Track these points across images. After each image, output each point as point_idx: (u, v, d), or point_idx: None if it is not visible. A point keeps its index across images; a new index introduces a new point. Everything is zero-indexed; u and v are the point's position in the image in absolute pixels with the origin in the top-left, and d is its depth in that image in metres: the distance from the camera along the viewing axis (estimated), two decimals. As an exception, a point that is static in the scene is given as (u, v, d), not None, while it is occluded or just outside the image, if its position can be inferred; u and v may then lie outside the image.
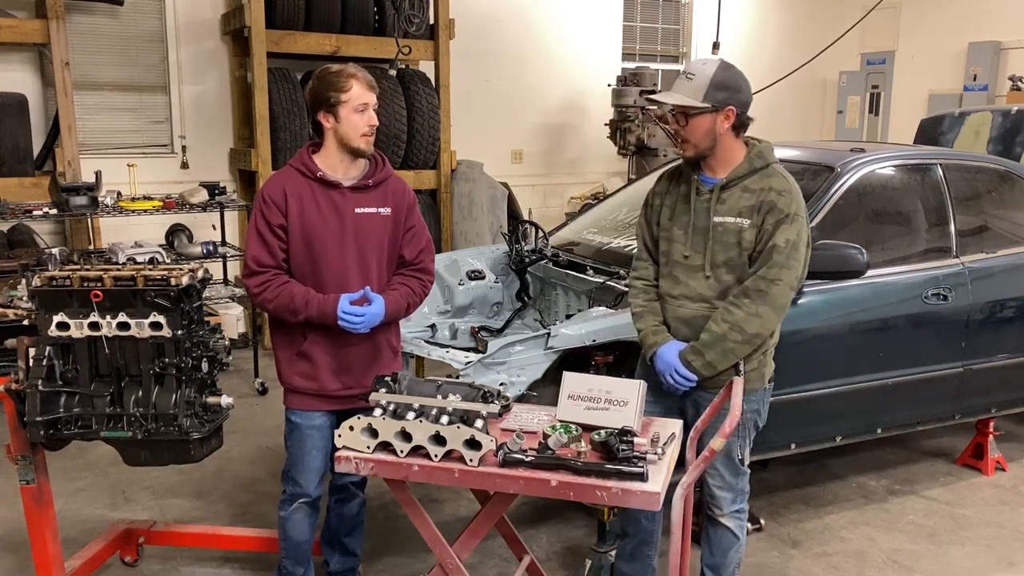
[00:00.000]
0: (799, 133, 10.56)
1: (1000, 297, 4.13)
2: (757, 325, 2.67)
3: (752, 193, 2.72)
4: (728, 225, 2.72)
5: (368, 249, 2.86)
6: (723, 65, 2.71)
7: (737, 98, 2.69)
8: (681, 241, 2.81)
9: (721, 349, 2.69)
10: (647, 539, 3.08)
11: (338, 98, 2.76)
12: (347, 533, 3.19)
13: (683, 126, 2.71)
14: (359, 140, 2.81)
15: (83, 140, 6.26)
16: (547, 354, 3.31)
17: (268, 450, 4.60)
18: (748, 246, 2.71)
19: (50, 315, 2.72)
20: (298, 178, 2.83)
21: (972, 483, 4.40)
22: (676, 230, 2.83)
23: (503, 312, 4.35)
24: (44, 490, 2.98)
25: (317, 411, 2.92)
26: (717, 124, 2.68)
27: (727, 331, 2.68)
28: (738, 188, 2.74)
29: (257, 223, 2.81)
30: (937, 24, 9.82)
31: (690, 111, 2.67)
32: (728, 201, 2.74)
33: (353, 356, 2.88)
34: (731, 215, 2.72)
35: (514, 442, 2.27)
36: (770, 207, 2.68)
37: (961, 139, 6.04)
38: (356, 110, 2.77)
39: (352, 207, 2.84)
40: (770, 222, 2.68)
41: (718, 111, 2.67)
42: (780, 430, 3.66)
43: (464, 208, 7.17)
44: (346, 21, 6.71)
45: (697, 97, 2.66)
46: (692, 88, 2.67)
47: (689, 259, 2.79)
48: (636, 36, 9.55)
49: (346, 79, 2.77)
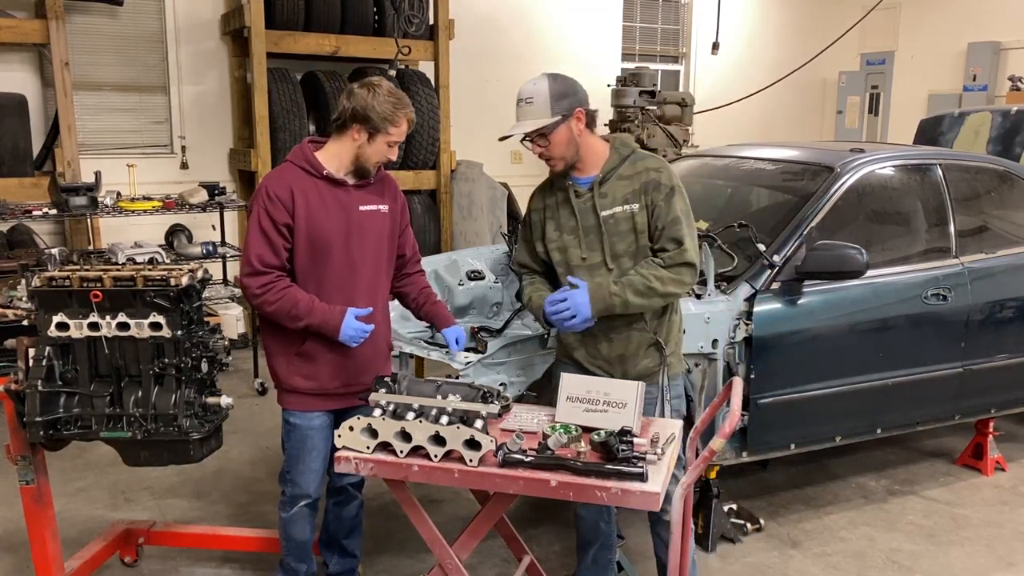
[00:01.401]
0: (798, 133, 10.57)
1: (1000, 297, 4.13)
2: (676, 286, 2.75)
3: (628, 179, 2.80)
4: (618, 214, 2.79)
5: (371, 247, 2.88)
6: (551, 77, 2.79)
7: (578, 99, 2.76)
8: (575, 245, 2.85)
9: (641, 292, 2.71)
10: (607, 542, 3.12)
11: (385, 127, 2.77)
12: (346, 535, 3.19)
13: (546, 146, 2.77)
14: (374, 165, 2.84)
15: (83, 140, 6.27)
16: (546, 354, 3.31)
17: (268, 450, 4.60)
18: (643, 227, 2.79)
19: (50, 315, 2.71)
20: (303, 176, 2.80)
21: (972, 483, 4.40)
22: (566, 236, 2.87)
23: (503, 312, 4.34)
24: (44, 490, 2.98)
25: (316, 411, 2.91)
26: (573, 130, 2.75)
27: (652, 280, 2.72)
28: (614, 179, 2.81)
29: (261, 220, 2.76)
30: (937, 24, 9.83)
31: (546, 130, 2.73)
32: (609, 194, 2.80)
33: (355, 354, 2.87)
34: (617, 205, 2.79)
35: (514, 442, 2.27)
36: (655, 184, 2.77)
37: (961, 139, 6.05)
38: (389, 144, 2.81)
39: (356, 205, 2.85)
40: (659, 197, 2.76)
41: (568, 118, 2.74)
42: (780, 430, 3.67)
43: (464, 208, 7.18)
44: (346, 21, 6.71)
45: (545, 115, 2.72)
46: (537, 110, 2.74)
47: (587, 259, 2.83)
48: (636, 36, 9.55)
49: (402, 117, 2.79)
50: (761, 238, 3.56)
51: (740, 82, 9.32)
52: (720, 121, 9.30)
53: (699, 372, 3.41)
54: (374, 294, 2.91)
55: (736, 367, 3.43)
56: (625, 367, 2.84)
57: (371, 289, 2.90)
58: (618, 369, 2.84)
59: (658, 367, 2.86)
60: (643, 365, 2.84)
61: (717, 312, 3.38)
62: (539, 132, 2.74)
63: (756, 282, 3.50)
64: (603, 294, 2.72)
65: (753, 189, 4.32)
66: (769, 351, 3.47)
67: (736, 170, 4.45)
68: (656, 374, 2.86)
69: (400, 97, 2.81)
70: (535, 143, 2.78)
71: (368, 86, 2.79)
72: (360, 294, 2.86)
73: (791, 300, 3.55)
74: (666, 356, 2.85)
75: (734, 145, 5.05)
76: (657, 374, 2.86)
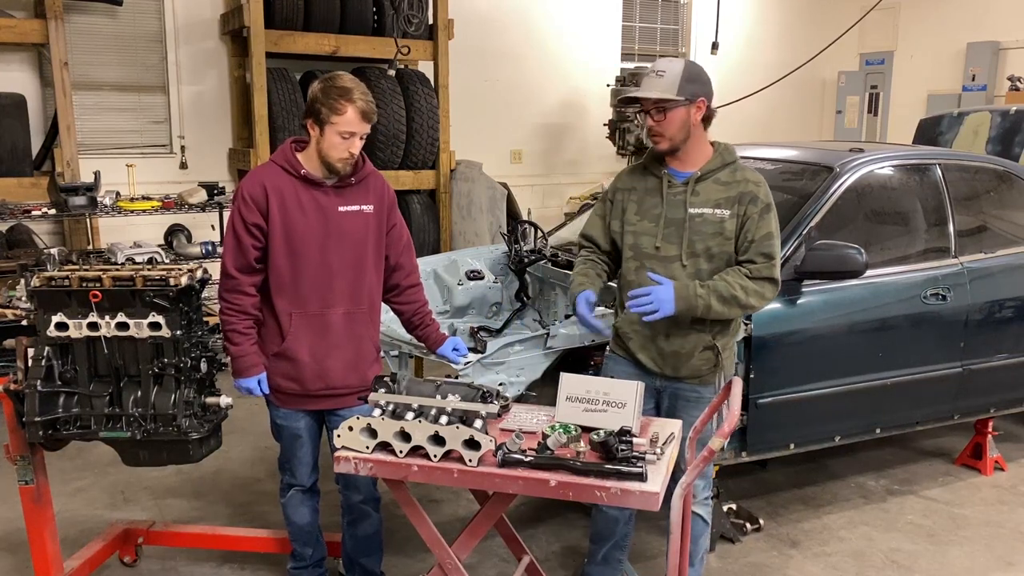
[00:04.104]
0: (798, 133, 10.57)
1: (999, 297, 4.13)
2: (757, 299, 2.78)
3: (726, 185, 2.81)
4: (707, 216, 2.79)
5: (350, 249, 2.82)
6: (689, 62, 2.83)
7: (705, 91, 2.80)
8: (652, 234, 2.85)
9: (725, 299, 2.73)
10: (621, 542, 3.13)
11: (328, 117, 2.67)
12: (364, 554, 3.17)
13: (660, 121, 2.77)
14: (336, 161, 2.74)
15: (82, 140, 6.26)
16: (546, 354, 3.31)
17: (267, 450, 4.60)
18: (730, 235, 2.79)
19: (49, 315, 2.71)
20: (281, 175, 2.78)
21: (971, 483, 4.40)
22: (646, 223, 2.87)
23: (502, 312, 4.35)
24: (43, 490, 2.98)
25: (300, 411, 2.93)
26: (691, 116, 2.77)
27: (737, 289, 2.74)
28: (711, 181, 2.82)
29: (235, 221, 2.78)
30: (936, 24, 9.83)
31: (667, 105, 2.74)
32: (702, 193, 2.81)
33: (335, 357, 2.86)
34: (707, 206, 2.80)
35: (513, 442, 2.27)
36: (752, 197, 2.79)
37: (960, 139, 6.05)
38: (340, 135, 2.69)
39: (335, 206, 2.80)
40: (754, 211, 2.78)
41: (691, 103, 2.76)
42: (779, 430, 3.67)
43: (463, 208, 7.18)
44: (345, 21, 6.70)
45: (671, 91, 2.73)
46: (665, 84, 2.74)
47: (661, 250, 2.83)
48: (635, 36, 9.55)
49: (344, 103, 2.66)
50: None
51: (739, 82, 9.31)
52: (719, 121, 9.26)
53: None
54: (356, 296, 2.86)
55: (736, 367, 3.43)
56: (677, 364, 2.86)
57: (352, 291, 2.85)
58: (670, 365, 2.87)
59: (712, 369, 2.87)
60: (695, 366, 2.86)
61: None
62: (659, 106, 2.74)
63: (756, 282, 3.49)
64: (689, 295, 2.72)
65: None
66: (768, 351, 3.47)
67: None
68: (707, 376, 2.88)
69: (348, 87, 2.68)
70: (651, 115, 2.77)
71: (323, 79, 2.74)
72: (338, 296, 2.83)
73: (790, 300, 3.55)
74: (722, 360, 2.86)
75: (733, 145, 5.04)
76: (709, 376, 2.88)
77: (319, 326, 2.83)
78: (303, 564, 3.15)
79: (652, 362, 2.89)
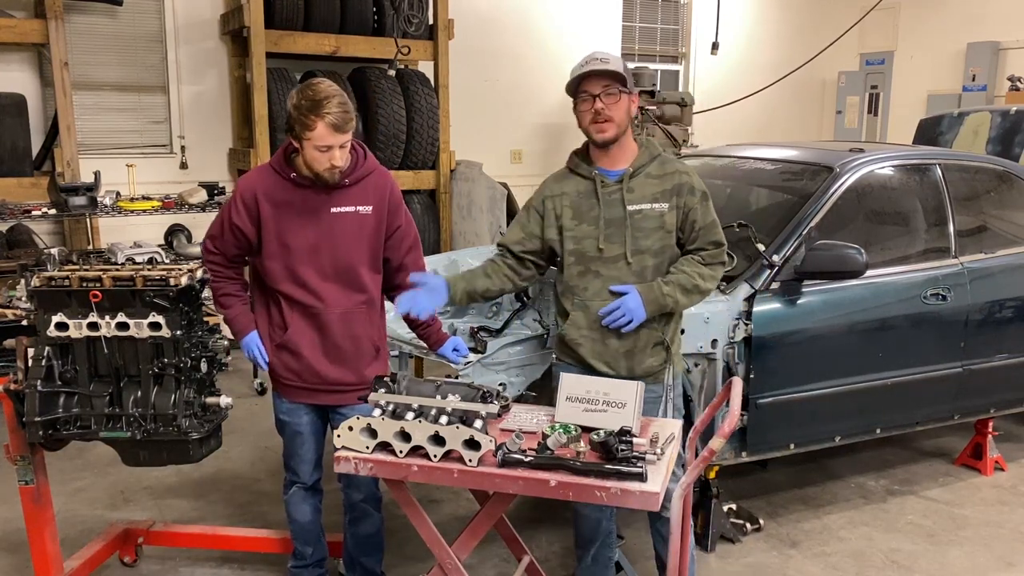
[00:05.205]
0: (798, 133, 10.57)
1: (999, 297, 4.13)
2: (712, 282, 2.84)
3: (659, 179, 2.80)
4: (646, 211, 2.78)
5: (345, 251, 2.80)
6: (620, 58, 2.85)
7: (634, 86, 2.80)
8: (592, 236, 2.81)
9: (687, 290, 2.78)
10: (607, 541, 3.12)
11: (302, 132, 2.62)
12: (364, 554, 3.16)
13: (610, 104, 2.71)
14: (322, 171, 2.69)
15: (82, 140, 6.26)
16: (546, 354, 3.31)
17: (267, 450, 4.60)
18: (671, 228, 2.80)
19: (49, 315, 2.72)
20: (274, 178, 2.78)
21: (971, 483, 4.40)
22: (585, 226, 2.82)
23: (502, 312, 4.34)
24: (43, 490, 2.98)
25: (303, 407, 2.94)
26: (631, 107, 2.78)
27: (696, 278, 2.78)
28: (643, 176, 2.81)
29: (224, 214, 2.84)
30: (936, 24, 9.83)
31: (621, 87, 2.72)
32: (637, 189, 2.80)
33: (332, 355, 2.86)
34: (645, 202, 2.79)
35: (513, 442, 2.27)
36: (689, 188, 2.80)
37: (960, 139, 6.05)
38: (318, 149, 2.63)
39: (328, 207, 2.77)
40: (694, 201, 2.80)
41: (631, 94, 2.76)
42: (779, 430, 3.67)
43: (463, 208, 7.18)
44: (345, 21, 6.71)
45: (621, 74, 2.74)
46: (613, 67, 2.71)
47: (605, 251, 2.80)
48: (635, 36, 9.55)
49: (313, 119, 2.57)
50: (760, 238, 3.56)
51: (739, 82, 9.32)
52: (719, 121, 9.30)
53: (698, 372, 3.41)
54: (351, 296, 2.85)
55: (735, 367, 3.43)
56: (632, 363, 2.83)
57: (346, 292, 2.84)
58: (624, 365, 2.82)
59: (662, 366, 2.86)
60: (648, 363, 2.85)
61: (716, 312, 3.38)
62: (611, 89, 2.70)
63: (755, 282, 3.50)
64: (655, 296, 2.74)
65: (752, 189, 4.32)
66: (768, 351, 3.47)
67: (735, 170, 4.44)
68: (659, 372, 2.87)
69: (319, 100, 2.57)
70: (601, 99, 2.70)
71: (299, 88, 2.67)
72: (331, 296, 2.82)
73: (790, 300, 3.55)
74: (671, 355, 2.87)
75: (733, 145, 5.05)
76: (660, 373, 2.87)
77: (316, 324, 2.84)
78: (303, 563, 3.16)
79: (606, 365, 2.82)
